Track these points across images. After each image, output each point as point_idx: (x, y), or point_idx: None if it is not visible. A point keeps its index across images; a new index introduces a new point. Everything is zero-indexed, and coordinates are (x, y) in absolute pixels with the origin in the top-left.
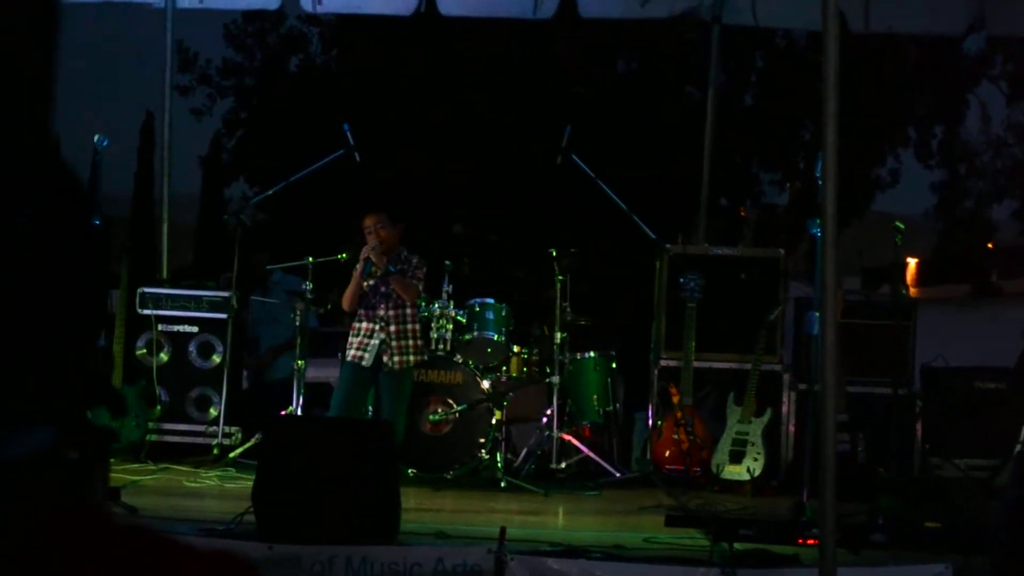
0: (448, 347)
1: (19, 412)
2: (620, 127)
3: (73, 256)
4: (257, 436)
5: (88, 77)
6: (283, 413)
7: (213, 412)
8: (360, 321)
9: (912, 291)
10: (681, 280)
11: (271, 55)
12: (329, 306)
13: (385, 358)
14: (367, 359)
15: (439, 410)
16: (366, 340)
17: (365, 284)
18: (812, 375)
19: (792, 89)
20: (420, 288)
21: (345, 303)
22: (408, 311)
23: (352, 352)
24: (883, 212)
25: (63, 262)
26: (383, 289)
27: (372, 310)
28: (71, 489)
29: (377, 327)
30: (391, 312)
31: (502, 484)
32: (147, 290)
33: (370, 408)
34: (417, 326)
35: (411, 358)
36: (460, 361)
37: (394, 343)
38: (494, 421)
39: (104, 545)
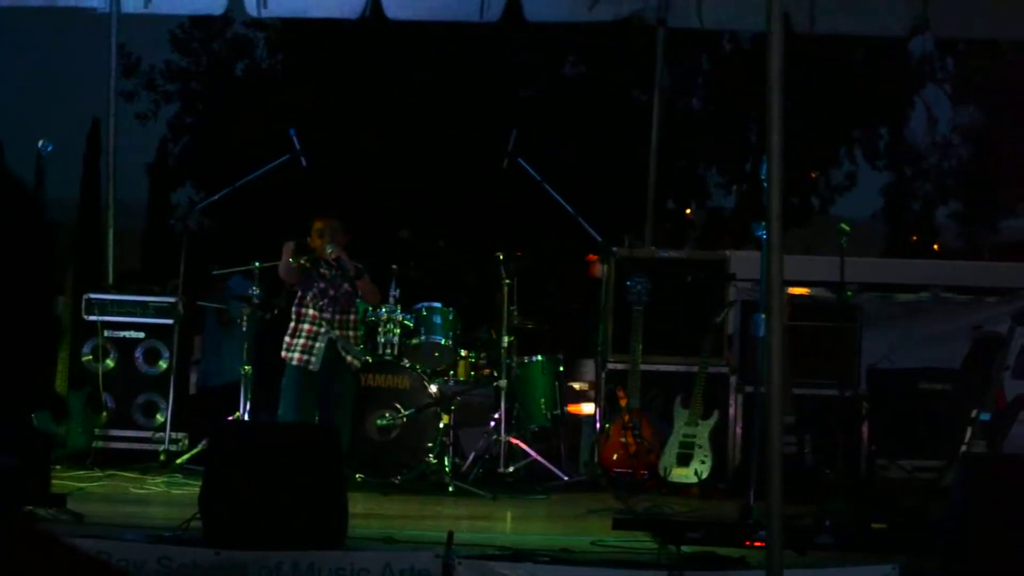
0: (395, 351)
1: None
2: (567, 130)
3: (22, 259)
4: (204, 442)
5: (32, 82)
6: (230, 419)
7: (160, 418)
8: (302, 322)
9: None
10: (628, 283)
11: (217, 60)
12: (276, 312)
13: (334, 361)
14: (314, 363)
15: (387, 415)
16: (310, 343)
17: (315, 287)
18: (758, 377)
19: (738, 91)
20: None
21: (284, 272)
22: (351, 316)
23: (297, 355)
24: (831, 215)
25: (12, 265)
26: (332, 292)
27: (319, 312)
28: (7, 493)
29: (322, 330)
30: (337, 316)
31: (450, 488)
32: (93, 296)
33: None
34: (359, 332)
35: (357, 361)
36: (407, 365)
37: (340, 345)
38: (441, 425)
39: (25, 556)
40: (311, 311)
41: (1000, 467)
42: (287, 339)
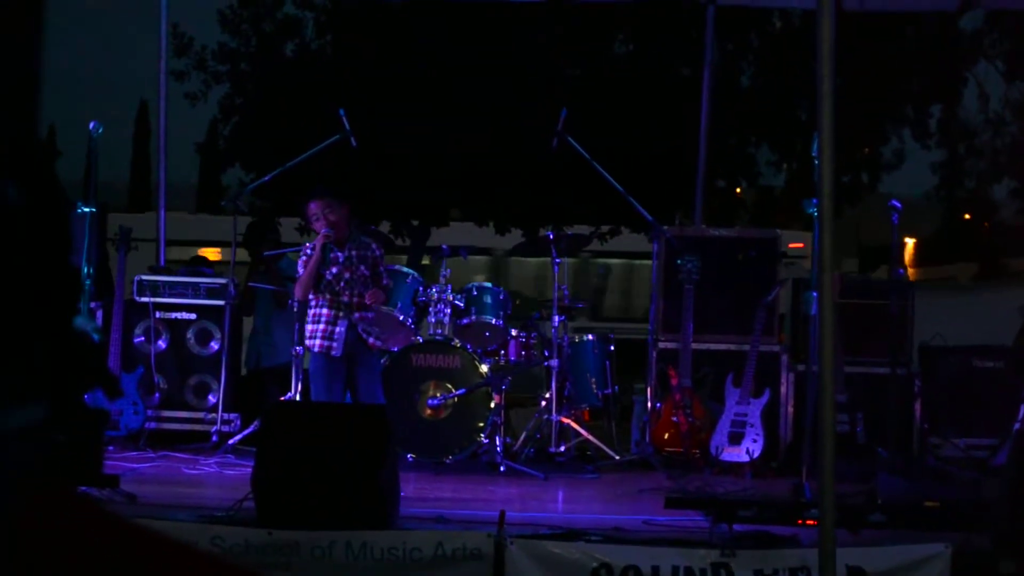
0: (446, 331)
1: (11, 386)
2: (616, 109)
3: (52, 231)
4: (256, 423)
5: (83, 63)
6: (282, 399)
7: (212, 399)
8: (320, 308)
9: (910, 271)
10: (678, 262)
11: (266, 40)
12: None
13: (356, 344)
14: (336, 348)
15: (438, 394)
16: (330, 328)
17: (328, 272)
18: (810, 355)
19: (788, 70)
20: (389, 286)
21: (300, 292)
22: None
23: (318, 342)
24: (882, 192)
25: (44, 237)
26: (347, 275)
27: (335, 297)
28: (57, 470)
29: (341, 313)
30: (355, 298)
31: (501, 468)
32: (144, 278)
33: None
34: (376, 312)
35: (380, 341)
36: (458, 345)
37: (360, 327)
38: (493, 405)
39: (96, 539)
40: (328, 295)
41: None
42: (308, 326)
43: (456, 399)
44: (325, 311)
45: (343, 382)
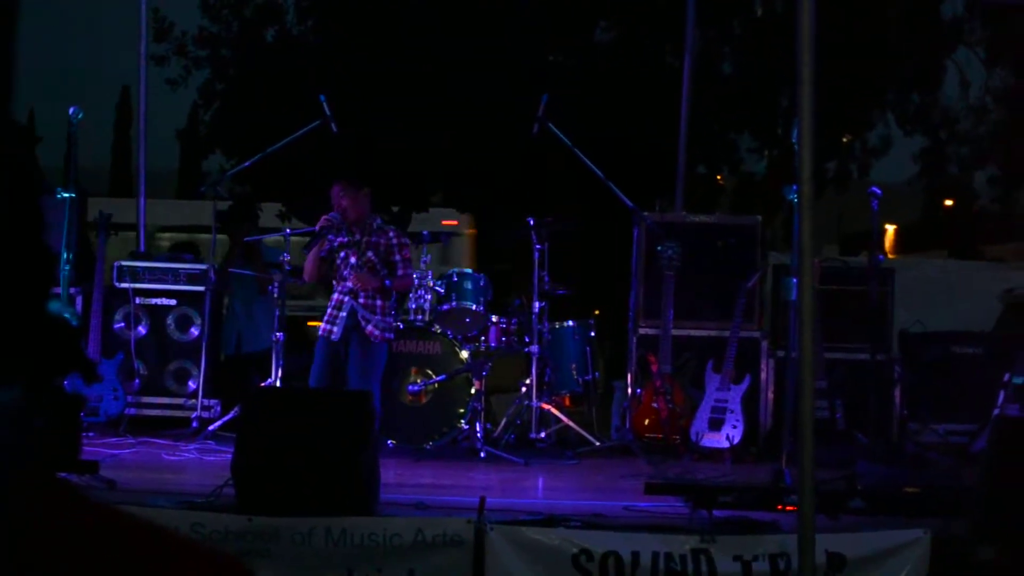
0: (426, 317)
1: None
2: (597, 95)
3: (25, 212)
4: (236, 409)
5: (65, 48)
6: (262, 385)
7: (192, 385)
8: (334, 292)
9: (891, 258)
10: (659, 248)
11: (247, 25)
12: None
13: (354, 330)
14: (336, 332)
15: (418, 380)
16: (335, 312)
17: (336, 257)
18: (790, 341)
19: (770, 56)
20: (410, 274)
21: (305, 276)
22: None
23: (323, 325)
24: (865, 179)
25: (18, 218)
26: (353, 260)
27: (343, 282)
28: (37, 455)
29: (346, 299)
30: (360, 284)
31: (481, 454)
32: (124, 263)
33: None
34: (387, 302)
35: (379, 330)
36: (438, 331)
37: (360, 315)
38: (473, 391)
39: (84, 527)
40: (339, 279)
41: None
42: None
43: (436, 385)
44: (336, 296)
45: (335, 368)
